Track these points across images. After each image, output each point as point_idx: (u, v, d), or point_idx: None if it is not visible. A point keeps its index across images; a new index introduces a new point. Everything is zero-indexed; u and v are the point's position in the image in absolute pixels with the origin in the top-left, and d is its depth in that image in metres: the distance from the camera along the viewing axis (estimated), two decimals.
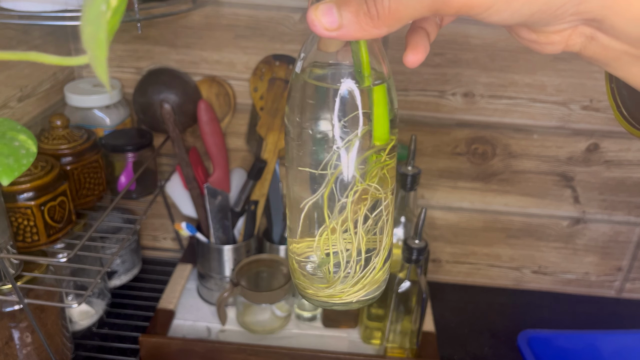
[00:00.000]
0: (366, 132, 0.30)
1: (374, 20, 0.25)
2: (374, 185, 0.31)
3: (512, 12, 0.25)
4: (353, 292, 0.33)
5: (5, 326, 0.57)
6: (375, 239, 0.32)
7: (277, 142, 0.79)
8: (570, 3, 0.24)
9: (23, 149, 0.29)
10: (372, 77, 0.29)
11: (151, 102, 0.74)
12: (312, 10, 0.26)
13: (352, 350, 0.75)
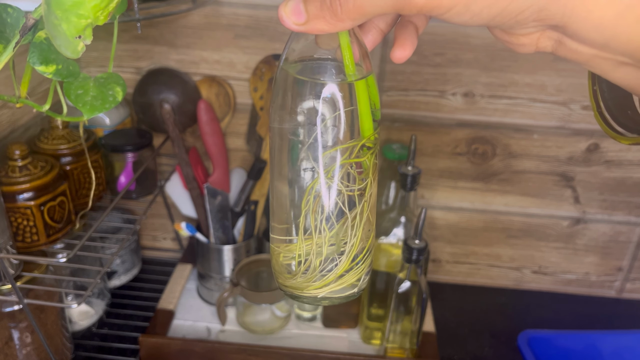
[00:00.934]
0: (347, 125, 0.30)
1: (337, 15, 0.26)
2: (351, 184, 0.31)
3: (472, 15, 0.25)
4: (314, 288, 0.33)
5: (5, 326, 0.57)
6: (354, 234, 0.32)
7: None
8: (529, 10, 0.25)
9: (111, 97, 0.34)
10: (354, 73, 0.30)
11: (151, 102, 0.74)
12: (281, 6, 0.27)
13: (352, 350, 0.75)
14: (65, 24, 0.22)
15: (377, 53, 0.76)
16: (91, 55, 0.80)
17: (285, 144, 0.31)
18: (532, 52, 0.28)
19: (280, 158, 0.32)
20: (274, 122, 0.31)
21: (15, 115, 0.69)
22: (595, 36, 0.25)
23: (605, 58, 0.26)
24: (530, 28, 0.26)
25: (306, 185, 0.31)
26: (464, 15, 0.25)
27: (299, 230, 0.32)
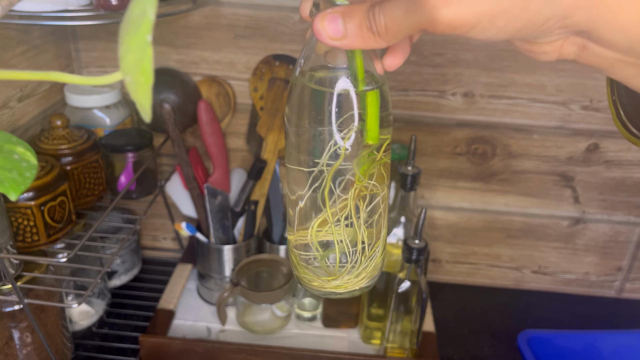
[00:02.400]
0: (360, 132, 0.31)
1: (375, 35, 0.27)
2: (372, 182, 0.33)
3: (497, 30, 0.25)
4: (357, 281, 0.35)
5: (5, 326, 0.57)
6: (372, 231, 0.34)
7: (277, 142, 0.79)
8: (555, 18, 0.25)
9: (24, 161, 0.29)
10: (366, 81, 0.31)
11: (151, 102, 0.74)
12: (318, 19, 0.28)
13: (352, 350, 0.75)
14: None
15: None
16: (91, 55, 0.80)
17: (302, 149, 0.33)
18: (553, 60, 0.28)
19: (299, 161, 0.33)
20: (292, 125, 0.33)
21: (15, 115, 0.69)
22: (620, 39, 0.25)
23: (629, 63, 0.26)
24: (555, 36, 0.26)
25: (322, 186, 0.32)
26: (489, 30, 0.25)
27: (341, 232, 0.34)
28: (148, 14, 0.20)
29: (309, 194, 0.33)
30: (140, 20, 0.20)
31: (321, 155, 0.32)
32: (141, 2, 0.21)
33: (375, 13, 0.27)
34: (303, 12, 0.32)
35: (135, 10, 0.21)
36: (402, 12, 0.26)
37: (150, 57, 0.20)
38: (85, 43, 0.79)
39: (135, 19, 0.21)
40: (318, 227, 0.34)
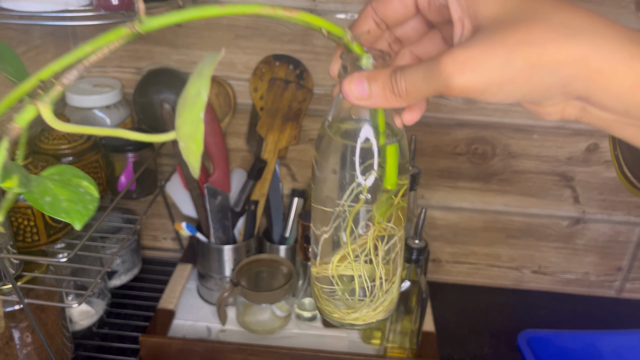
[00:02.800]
0: (379, 178, 0.35)
1: (396, 97, 0.31)
2: (390, 225, 0.36)
3: (505, 95, 0.28)
4: (374, 314, 0.38)
5: (5, 326, 0.57)
6: (389, 267, 0.37)
7: (277, 142, 0.79)
8: (555, 86, 0.28)
9: (87, 195, 0.32)
10: (387, 134, 0.34)
11: (151, 102, 0.75)
12: (346, 82, 0.31)
13: (352, 350, 0.75)
14: None
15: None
16: None
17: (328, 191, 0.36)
18: (557, 119, 0.31)
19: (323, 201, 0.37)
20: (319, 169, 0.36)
21: None
22: (615, 104, 0.28)
23: (627, 123, 0.29)
24: (556, 100, 0.29)
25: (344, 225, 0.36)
26: (498, 95, 0.28)
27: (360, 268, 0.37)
28: (202, 95, 0.24)
29: (331, 231, 0.36)
30: (195, 100, 0.24)
31: (344, 198, 0.35)
32: (196, 84, 0.25)
33: (397, 78, 0.30)
34: (332, 72, 0.35)
35: (192, 91, 0.25)
36: (421, 78, 0.29)
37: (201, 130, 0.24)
38: None
39: (191, 97, 0.24)
40: (338, 262, 0.37)
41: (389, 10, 0.34)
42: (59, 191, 0.32)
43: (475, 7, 0.29)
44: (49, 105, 0.28)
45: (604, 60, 0.27)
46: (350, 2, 0.74)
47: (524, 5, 0.28)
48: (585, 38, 0.27)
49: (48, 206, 0.31)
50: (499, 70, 0.27)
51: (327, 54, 0.77)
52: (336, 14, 0.74)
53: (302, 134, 0.83)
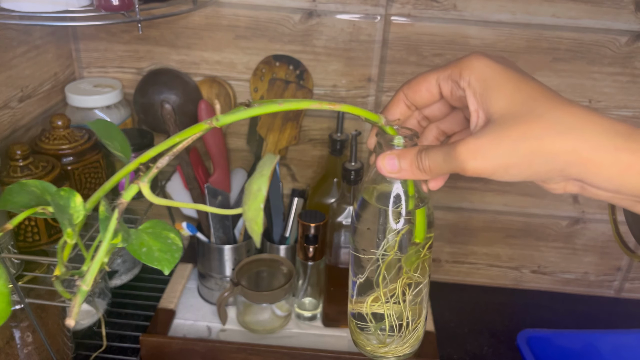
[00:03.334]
0: (408, 233, 0.41)
1: (421, 172, 0.37)
2: (417, 275, 0.42)
3: (511, 176, 0.34)
4: (402, 349, 0.44)
5: (6, 325, 0.58)
6: (416, 309, 0.44)
7: (277, 142, 0.79)
8: (553, 171, 0.33)
9: (174, 245, 0.38)
10: (415, 197, 0.41)
11: (152, 102, 0.75)
12: (380, 158, 0.38)
13: (352, 349, 0.75)
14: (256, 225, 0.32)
15: (377, 54, 0.76)
16: (92, 55, 0.80)
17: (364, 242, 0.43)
18: (561, 193, 0.37)
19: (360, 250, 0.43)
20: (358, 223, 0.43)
21: (16, 115, 0.69)
22: (607, 185, 0.33)
23: (622, 198, 0.34)
24: (557, 180, 0.35)
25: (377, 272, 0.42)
26: (505, 176, 0.34)
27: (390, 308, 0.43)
28: (262, 191, 0.32)
29: (366, 276, 0.43)
30: (257, 194, 0.32)
31: (378, 248, 0.41)
32: (258, 181, 0.32)
33: (422, 157, 0.37)
34: (370, 145, 0.42)
35: (254, 187, 0.32)
36: (441, 159, 0.36)
37: (261, 216, 0.31)
38: (86, 43, 0.79)
39: (254, 192, 0.32)
40: (372, 302, 0.43)
41: (417, 97, 0.41)
42: (152, 243, 0.38)
43: (487, 103, 0.35)
44: (147, 184, 0.36)
45: (593, 152, 0.32)
46: (350, 2, 0.74)
47: (526, 104, 0.34)
48: (576, 133, 0.32)
49: (144, 255, 0.37)
50: (504, 158, 0.34)
51: (326, 54, 0.77)
52: (336, 14, 0.75)
53: (302, 134, 0.83)
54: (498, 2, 0.72)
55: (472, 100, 0.37)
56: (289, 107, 0.36)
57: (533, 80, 0.36)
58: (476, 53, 0.37)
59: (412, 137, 0.39)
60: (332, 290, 0.76)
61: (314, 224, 0.71)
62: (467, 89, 0.37)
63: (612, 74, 0.76)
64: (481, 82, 0.36)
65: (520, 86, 0.36)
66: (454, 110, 0.42)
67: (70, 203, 0.37)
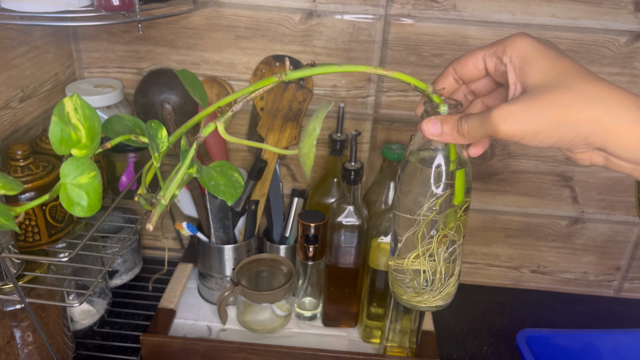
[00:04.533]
0: (449, 196, 0.45)
1: (461, 136, 0.41)
2: (452, 232, 0.46)
3: (539, 142, 0.37)
4: (434, 300, 0.48)
5: (6, 325, 0.58)
6: (449, 266, 0.47)
7: (277, 142, 0.80)
8: (578, 138, 0.36)
9: (237, 182, 0.44)
10: (456, 161, 0.45)
11: (152, 102, 0.75)
12: (424, 122, 0.42)
13: (352, 349, 0.76)
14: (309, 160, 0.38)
15: (377, 54, 0.76)
16: (93, 56, 0.80)
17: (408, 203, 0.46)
18: (588, 165, 0.40)
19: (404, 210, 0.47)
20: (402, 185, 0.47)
21: (17, 115, 0.69)
22: (628, 155, 0.36)
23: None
24: (582, 148, 0.38)
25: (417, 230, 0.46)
26: (533, 141, 0.37)
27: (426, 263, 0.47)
28: (316, 130, 0.37)
29: (408, 235, 0.46)
30: (312, 132, 0.37)
31: (422, 209, 0.45)
32: (314, 122, 0.37)
33: (462, 122, 0.40)
34: (418, 113, 0.46)
35: (310, 127, 0.37)
36: (477, 124, 0.39)
37: (313, 152, 0.37)
38: (87, 44, 0.80)
39: (309, 131, 0.37)
40: (412, 259, 0.47)
41: (465, 71, 0.44)
42: (219, 178, 0.43)
43: (524, 76, 0.39)
44: (223, 124, 0.42)
45: (615, 122, 0.35)
46: (350, 2, 0.74)
47: (559, 77, 0.37)
48: (600, 104, 0.35)
49: (212, 187, 0.42)
50: (533, 123, 0.37)
51: (326, 54, 0.77)
52: (336, 15, 0.75)
53: None
54: (498, 2, 0.72)
55: (511, 74, 0.40)
56: (347, 69, 0.41)
57: (569, 58, 0.39)
58: (521, 33, 0.41)
59: (456, 105, 0.43)
60: (332, 290, 0.76)
61: (314, 223, 0.72)
62: (509, 64, 0.40)
63: (611, 74, 0.76)
64: (521, 58, 0.39)
65: (556, 62, 0.38)
66: (499, 87, 0.45)
67: (157, 134, 0.42)
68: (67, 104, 0.38)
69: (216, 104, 0.42)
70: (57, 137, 0.37)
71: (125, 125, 0.44)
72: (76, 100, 0.38)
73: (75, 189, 0.38)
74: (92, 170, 0.39)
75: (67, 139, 0.38)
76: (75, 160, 0.39)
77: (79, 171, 0.38)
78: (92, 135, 0.39)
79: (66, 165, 0.38)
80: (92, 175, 0.39)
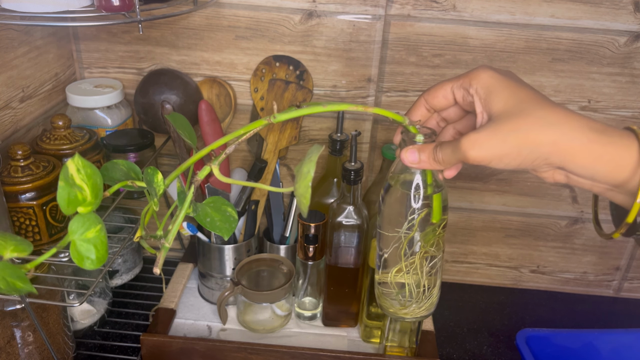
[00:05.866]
0: (427, 214, 0.48)
1: (437, 163, 0.45)
2: (432, 249, 0.50)
3: (505, 164, 0.42)
4: (419, 311, 0.53)
5: (7, 325, 0.58)
6: (431, 279, 0.52)
7: (277, 143, 0.80)
8: (539, 159, 0.40)
9: (231, 217, 0.46)
10: (433, 184, 0.48)
11: (152, 102, 0.75)
12: (404, 151, 0.46)
13: (352, 349, 0.76)
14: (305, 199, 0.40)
15: (377, 54, 0.77)
16: (93, 56, 0.80)
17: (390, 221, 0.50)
18: (551, 182, 0.44)
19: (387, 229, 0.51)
20: (384, 205, 0.51)
21: (17, 115, 0.69)
22: (584, 172, 0.40)
23: (600, 186, 0.42)
24: (545, 168, 0.42)
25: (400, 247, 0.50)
26: (499, 164, 0.42)
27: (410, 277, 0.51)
28: (310, 173, 0.39)
29: (391, 250, 0.50)
30: (306, 175, 0.40)
31: (402, 228, 0.49)
32: (307, 165, 0.40)
33: (437, 151, 0.45)
34: (395, 141, 0.50)
35: (304, 169, 0.40)
36: (450, 152, 0.44)
37: (309, 193, 0.39)
38: (87, 44, 0.80)
39: (304, 173, 0.40)
40: (395, 273, 0.51)
41: (435, 101, 0.48)
42: (214, 214, 0.46)
43: (489, 105, 0.43)
44: (217, 166, 0.44)
45: (569, 143, 0.39)
46: (350, 2, 0.74)
47: (518, 105, 0.41)
48: (555, 127, 0.40)
49: (208, 224, 0.46)
50: (498, 148, 0.41)
51: (326, 54, 0.77)
52: (336, 15, 0.75)
53: (302, 134, 0.83)
54: (497, 2, 0.72)
55: (478, 104, 0.44)
56: (331, 108, 0.45)
57: (527, 87, 0.43)
58: (483, 66, 0.45)
59: (431, 135, 0.47)
60: (332, 289, 0.76)
61: (314, 223, 0.72)
62: (475, 95, 0.44)
63: (611, 74, 0.76)
64: (485, 89, 0.44)
65: (515, 92, 0.42)
66: (468, 114, 0.49)
67: (154, 179, 0.45)
68: (70, 167, 0.40)
69: (209, 147, 0.45)
70: (65, 200, 0.40)
71: (120, 171, 0.48)
72: (78, 161, 0.41)
73: (84, 243, 0.41)
74: (97, 224, 0.42)
75: (73, 200, 0.40)
76: (82, 217, 0.41)
77: (85, 227, 0.41)
78: (96, 192, 0.42)
79: (74, 223, 0.41)
80: (97, 229, 0.42)
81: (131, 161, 0.73)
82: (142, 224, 0.47)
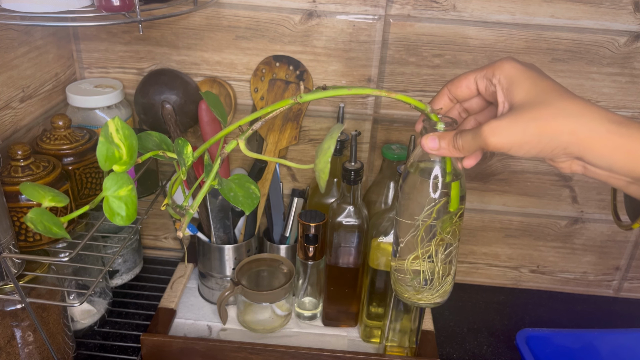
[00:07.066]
0: (445, 203, 0.49)
1: (457, 150, 0.45)
2: (449, 237, 0.50)
3: (524, 152, 0.42)
4: (433, 297, 0.53)
5: (7, 325, 0.58)
6: (446, 267, 0.52)
7: (277, 143, 0.80)
8: (558, 148, 0.41)
9: (254, 193, 0.49)
10: (452, 173, 0.49)
11: (152, 102, 0.75)
12: (424, 138, 0.47)
13: (352, 348, 0.76)
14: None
15: (377, 55, 0.77)
16: (93, 56, 0.80)
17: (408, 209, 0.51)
18: (568, 173, 0.45)
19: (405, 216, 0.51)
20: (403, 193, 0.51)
21: (17, 115, 0.69)
22: (601, 163, 0.41)
23: (617, 178, 0.43)
24: (563, 158, 0.43)
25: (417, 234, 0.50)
26: (519, 152, 0.42)
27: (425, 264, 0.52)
28: (331, 148, 0.42)
29: (408, 238, 0.51)
30: (327, 150, 0.42)
31: (421, 216, 0.49)
32: (328, 141, 0.42)
33: (457, 137, 0.45)
34: (417, 129, 0.51)
35: (325, 145, 0.42)
36: (470, 138, 0.44)
37: (328, 168, 0.42)
38: (87, 44, 0.80)
39: (324, 149, 0.42)
40: (412, 260, 0.52)
41: (458, 91, 0.49)
42: (238, 190, 0.48)
43: (511, 95, 0.44)
44: (243, 141, 0.46)
45: (588, 133, 0.40)
46: (350, 3, 0.74)
47: (539, 96, 0.42)
48: (575, 118, 0.40)
49: (232, 198, 0.47)
50: (518, 135, 0.41)
51: (326, 54, 0.77)
52: (336, 15, 0.75)
53: (302, 134, 0.83)
54: (497, 2, 0.72)
55: (500, 94, 0.45)
56: (356, 92, 0.46)
57: (549, 79, 0.44)
58: (507, 57, 0.46)
59: (452, 123, 0.47)
60: (332, 289, 0.76)
61: (314, 223, 0.72)
62: (497, 85, 0.45)
63: (611, 75, 0.76)
64: (507, 80, 0.45)
65: (537, 82, 0.43)
66: (489, 105, 0.50)
67: (184, 150, 0.47)
68: (110, 126, 0.43)
69: (238, 122, 0.47)
70: (104, 155, 0.42)
71: (153, 141, 0.50)
72: (117, 122, 0.43)
73: (116, 200, 0.43)
74: (129, 184, 0.44)
75: (111, 157, 0.43)
76: (115, 175, 0.43)
77: (118, 185, 0.43)
78: (131, 153, 0.44)
79: (108, 180, 0.43)
80: (129, 189, 0.44)
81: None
82: (169, 193, 0.49)
